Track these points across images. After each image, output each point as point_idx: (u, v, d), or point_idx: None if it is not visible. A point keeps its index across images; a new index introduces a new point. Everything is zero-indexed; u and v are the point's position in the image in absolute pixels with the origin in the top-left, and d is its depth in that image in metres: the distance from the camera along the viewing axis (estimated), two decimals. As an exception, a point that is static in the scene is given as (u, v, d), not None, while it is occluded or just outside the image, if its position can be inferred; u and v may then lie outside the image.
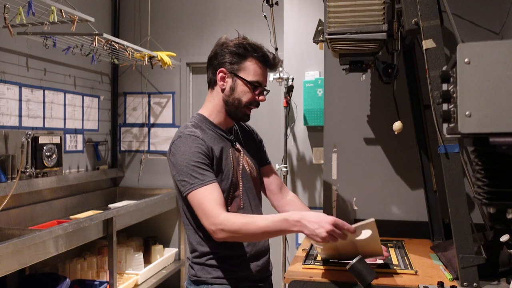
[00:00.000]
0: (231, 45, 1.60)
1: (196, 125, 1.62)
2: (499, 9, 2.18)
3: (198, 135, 1.56)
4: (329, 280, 1.63)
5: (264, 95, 1.65)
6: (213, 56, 1.65)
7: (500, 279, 1.61)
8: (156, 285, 3.46)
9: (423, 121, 2.20)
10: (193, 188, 1.47)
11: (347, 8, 1.84)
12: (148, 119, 4.18)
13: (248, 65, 1.60)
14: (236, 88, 1.61)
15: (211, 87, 1.68)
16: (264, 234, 1.45)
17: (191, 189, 1.47)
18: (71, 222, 2.58)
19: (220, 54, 1.62)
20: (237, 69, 1.60)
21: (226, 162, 1.60)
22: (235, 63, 1.60)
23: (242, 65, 1.60)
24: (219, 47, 1.63)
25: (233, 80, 1.61)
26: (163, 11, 4.09)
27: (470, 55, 1.05)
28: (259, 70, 1.61)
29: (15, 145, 2.89)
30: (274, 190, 1.82)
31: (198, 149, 1.51)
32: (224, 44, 1.62)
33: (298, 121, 3.00)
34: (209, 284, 1.58)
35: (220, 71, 1.61)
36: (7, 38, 2.78)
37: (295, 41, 2.98)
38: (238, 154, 1.67)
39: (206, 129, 1.62)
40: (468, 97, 1.05)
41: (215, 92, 1.66)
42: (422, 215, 2.26)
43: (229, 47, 1.60)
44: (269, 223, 1.42)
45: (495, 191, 1.23)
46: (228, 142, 1.65)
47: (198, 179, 1.47)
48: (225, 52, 1.61)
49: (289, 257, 2.93)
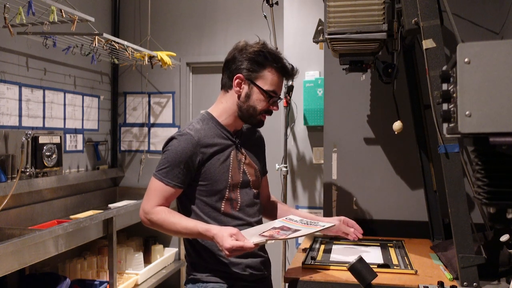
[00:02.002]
0: (251, 52, 1.59)
1: (200, 122, 1.63)
2: (499, 9, 2.18)
3: (194, 134, 1.57)
4: (329, 280, 1.63)
5: (278, 103, 1.66)
6: (231, 60, 1.63)
7: (500, 279, 1.61)
8: (156, 285, 3.46)
9: (423, 121, 2.20)
10: (157, 176, 1.57)
11: (347, 8, 1.84)
12: (148, 119, 4.18)
13: (267, 74, 1.59)
14: (252, 95, 1.60)
15: (225, 90, 1.66)
16: (179, 235, 1.60)
17: (156, 175, 1.58)
18: (71, 222, 2.58)
19: (238, 59, 1.61)
20: (255, 77, 1.59)
21: (224, 164, 1.61)
22: (254, 71, 1.59)
23: (261, 74, 1.59)
24: (238, 52, 1.62)
25: (249, 87, 1.60)
26: (163, 11, 4.09)
27: (470, 55, 1.05)
28: (276, 80, 1.61)
29: (15, 145, 2.89)
30: (263, 200, 1.86)
31: (185, 150, 1.55)
32: (244, 49, 1.61)
33: (298, 121, 3.00)
34: (205, 282, 1.59)
35: (237, 77, 1.60)
36: (7, 38, 2.78)
37: (295, 41, 2.98)
38: (241, 156, 1.67)
39: (210, 127, 1.63)
40: (468, 97, 1.05)
41: (229, 95, 1.65)
42: (422, 215, 2.26)
43: (248, 54, 1.59)
44: (183, 230, 1.53)
45: (495, 191, 1.22)
46: (232, 143, 1.65)
47: (165, 173, 1.55)
48: (244, 58, 1.59)
49: (289, 257, 2.93)
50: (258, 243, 1.43)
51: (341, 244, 2.13)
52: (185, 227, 1.52)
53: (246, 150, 1.70)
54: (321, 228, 1.60)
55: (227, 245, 1.40)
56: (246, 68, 1.59)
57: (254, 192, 1.70)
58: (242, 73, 1.59)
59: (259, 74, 1.59)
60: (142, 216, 1.59)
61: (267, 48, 1.61)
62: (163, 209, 1.56)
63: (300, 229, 1.57)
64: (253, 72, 1.59)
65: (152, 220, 1.56)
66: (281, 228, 1.57)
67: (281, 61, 1.61)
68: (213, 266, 1.60)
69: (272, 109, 1.65)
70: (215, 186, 1.59)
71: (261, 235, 1.50)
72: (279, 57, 1.61)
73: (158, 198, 1.56)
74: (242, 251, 1.43)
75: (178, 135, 1.58)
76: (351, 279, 1.48)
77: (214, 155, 1.59)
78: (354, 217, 2.36)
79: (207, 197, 1.60)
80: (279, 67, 1.60)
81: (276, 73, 1.60)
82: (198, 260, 1.62)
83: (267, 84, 1.59)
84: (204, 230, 1.49)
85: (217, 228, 1.48)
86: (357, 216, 2.37)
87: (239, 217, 1.63)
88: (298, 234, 1.53)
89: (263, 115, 1.64)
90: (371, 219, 2.38)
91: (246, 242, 1.42)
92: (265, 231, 1.54)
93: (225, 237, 1.42)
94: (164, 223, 1.54)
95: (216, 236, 1.45)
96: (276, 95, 1.63)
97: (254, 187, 1.70)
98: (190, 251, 1.66)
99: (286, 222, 1.63)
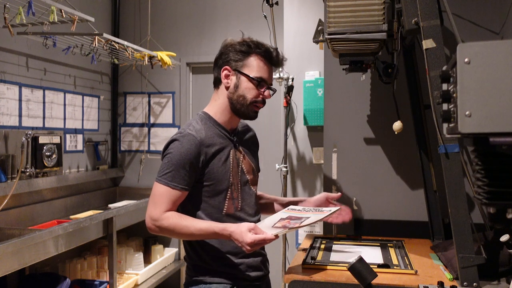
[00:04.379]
0: (235, 43, 1.62)
1: (199, 122, 1.63)
2: (499, 9, 2.18)
3: (196, 135, 1.56)
4: (329, 280, 1.63)
5: (270, 92, 1.65)
6: (219, 56, 1.66)
7: (500, 279, 1.61)
8: (156, 285, 3.46)
9: (423, 121, 2.20)
10: (161, 181, 1.54)
11: (347, 8, 1.84)
12: (148, 119, 4.18)
13: (251, 61, 1.61)
14: (240, 85, 1.60)
15: (216, 86, 1.67)
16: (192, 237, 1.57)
17: (160, 180, 1.55)
18: (71, 222, 2.58)
19: (225, 53, 1.63)
20: (241, 66, 1.60)
21: (225, 163, 1.60)
22: (239, 60, 1.61)
23: (246, 62, 1.61)
24: (224, 47, 1.65)
25: (237, 77, 1.61)
26: (163, 11, 4.09)
27: (470, 55, 1.05)
28: (262, 65, 1.61)
29: (15, 145, 2.89)
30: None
31: (189, 151, 1.53)
32: (229, 44, 1.64)
33: (298, 121, 3.00)
34: (207, 284, 1.59)
35: (224, 69, 1.62)
36: (7, 38, 2.78)
37: (295, 41, 2.98)
38: (239, 155, 1.67)
39: (209, 126, 1.62)
40: (468, 97, 1.05)
41: (220, 90, 1.66)
42: (422, 215, 2.26)
43: (233, 46, 1.62)
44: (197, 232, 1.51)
45: (495, 191, 1.22)
46: (230, 142, 1.65)
47: (171, 177, 1.53)
48: (229, 50, 1.62)
49: (289, 257, 2.93)
50: (277, 234, 1.43)
51: (341, 244, 2.13)
52: (199, 228, 1.50)
53: (243, 149, 1.71)
54: (329, 213, 1.59)
55: (248, 239, 1.40)
56: (232, 59, 1.61)
57: (253, 191, 1.70)
58: (228, 64, 1.62)
59: (244, 62, 1.60)
60: (149, 224, 1.55)
61: (250, 39, 1.64)
62: (173, 214, 1.53)
63: (309, 216, 1.57)
64: (238, 61, 1.61)
65: (163, 227, 1.52)
66: (289, 218, 1.57)
67: (265, 46, 1.63)
68: (215, 268, 1.59)
69: (264, 97, 1.63)
70: (218, 186, 1.58)
71: (274, 227, 1.50)
72: (262, 43, 1.63)
73: (165, 204, 1.53)
74: (263, 244, 1.43)
75: (179, 136, 1.57)
76: (351, 279, 1.48)
77: (215, 155, 1.59)
78: (354, 217, 2.37)
79: (211, 198, 1.59)
80: (262, 51, 1.61)
81: (262, 59, 1.61)
82: (199, 262, 1.61)
83: (253, 71, 1.60)
84: (221, 229, 1.47)
85: (234, 226, 1.47)
86: (357, 216, 2.38)
87: (240, 217, 1.62)
88: (310, 221, 1.52)
89: (255, 105, 1.63)
90: (371, 219, 2.38)
91: (267, 234, 1.42)
92: (276, 223, 1.54)
93: (244, 232, 1.42)
94: (176, 228, 1.51)
95: (234, 233, 1.44)
96: (265, 81, 1.62)
97: (253, 186, 1.71)
98: (190, 253, 1.64)
99: (291, 212, 1.64)
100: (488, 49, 1.05)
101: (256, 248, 1.44)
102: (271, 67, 1.65)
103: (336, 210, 1.65)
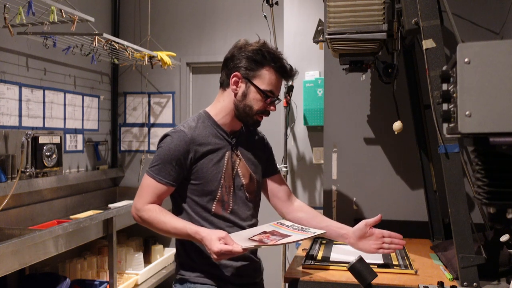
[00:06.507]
0: (250, 50, 1.57)
1: (196, 120, 1.62)
2: (499, 9, 2.18)
3: (187, 132, 1.56)
4: (329, 280, 1.63)
5: (275, 104, 1.63)
6: (230, 57, 1.61)
7: (500, 279, 1.61)
8: (156, 285, 3.46)
9: (423, 121, 2.20)
10: (149, 173, 1.57)
11: (347, 8, 1.84)
12: (148, 119, 4.18)
13: (264, 73, 1.57)
14: (249, 94, 1.58)
15: (223, 88, 1.64)
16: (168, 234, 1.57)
17: (148, 172, 1.57)
18: (71, 222, 2.58)
19: (237, 57, 1.59)
20: (252, 76, 1.57)
21: (217, 165, 1.58)
22: (251, 70, 1.57)
23: (258, 73, 1.57)
24: (237, 50, 1.60)
25: (246, 86, 1.58)
26: (163, 11, 4.09)
27: (470, 55, 1.05)
28: (274, 80, 1.58)
29: (15, 145, 2.89)
30: (282, 197, 1.80)
31: (178, 147, 1.54)
32: (243, 47, 1.59)
33: (298, 121, 3.00)
34: (192, 283, 1.59)
35: (234, 75, 1.58)
36: (7, 38, 2.78)
37: (295, 41, 2.98)
38: (235, 158, 1.64)
39: (206, 126, 1.61)
40: (468, 97, 1.05)
41: (226, 93, 1.63)
42: (422, 215, 2.26)
43: (247, 52, 1.57)
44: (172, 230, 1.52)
45: (495, 191, 1.22)
46: (227, 144, 1.63)
47: (157, 170, 1.55)
48: (242, 56, 1.57)
49: (289, 257, 2.93)
50: (246, 248, 1.41)
51: (341, 244, 2.12)
52: (174, 227, 1.51)
53: (243, 152, 1.67)
54: (311, 235, 1.56)
55: (215, 248, 1.38)
56: (244, 67, 1.57)
57: (247, 196, 1.65)
58: (239, 71, 1.57)
59: (256, 73, 1.56)
60: (133, 213, 1.58)
61: (266, 47, 1.58)
62: (155, 207, 1.55)
63: (291, 234, 1.54)
64: (250, 70, 1.56)
65: (143, 218, 1.55)
66: (271, 233, 1.54)
67: (280, 61, 1.58)
68: (202, 267, 1.59)
69: (269, 110, 1.62)
70: (207, 187, 1.57)
71: (250, 239, 1.47)
72: (278, 56, 1.58)
73: (150, 196, 1.55)
74: (230, 255, 1.41)
75: (172, 132, 1.57)
76: (351, 279, 1.48)
77: (206, 155, 1.57)
78: (354, 217, 2.37)
79: (198, 197, 1.58)
80: (277, 66, 1.57)
81: (274, 73, 1.58)
82: (187, 260, 1.62)
83: (264, 83, 1.57)
84: (193, 232, 1.47)
85: (206, 231, 1.45)
86: (357, 216, 2.37)
87: (230, 219, 1.60)
88: (287, 240, 1.49)
89: (260, 115, 1.62)
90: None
91: (235, 246, 1.39)
92: (255, 235, 1.51)
93: (214, 241, 1.39)
94: (154, 222, 1.53)
95: (205, 239, 1.43)
96: (273, 95, 1.60)
97: (248, 191, 1.66)
98: (180, 251, 1.65)
99: (277, 227, 1.61)
100: (488, 49, 1.05)
101: (224, 258, 1.42)
102: (282, 80, 1.63)
103: (321, 234, 1.60)
